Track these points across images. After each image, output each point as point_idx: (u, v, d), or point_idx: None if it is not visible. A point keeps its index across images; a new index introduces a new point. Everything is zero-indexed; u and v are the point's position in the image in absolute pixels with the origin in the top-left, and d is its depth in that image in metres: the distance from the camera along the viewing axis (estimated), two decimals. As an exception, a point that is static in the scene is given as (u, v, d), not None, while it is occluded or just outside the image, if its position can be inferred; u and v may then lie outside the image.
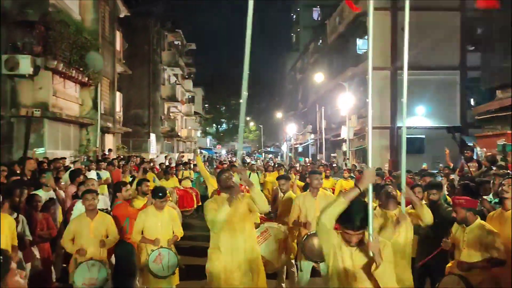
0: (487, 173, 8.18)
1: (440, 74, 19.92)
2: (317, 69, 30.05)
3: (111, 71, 19.86)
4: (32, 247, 5.19)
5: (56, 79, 14.13)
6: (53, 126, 14.09)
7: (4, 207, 4.73)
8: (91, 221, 4.95)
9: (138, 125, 27.36)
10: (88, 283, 4.73)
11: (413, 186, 5.36)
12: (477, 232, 4.12)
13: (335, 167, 15.76)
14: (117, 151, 19.75)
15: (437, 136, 19.20)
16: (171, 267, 4.91)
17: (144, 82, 28.55)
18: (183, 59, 40.67)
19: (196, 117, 49.55)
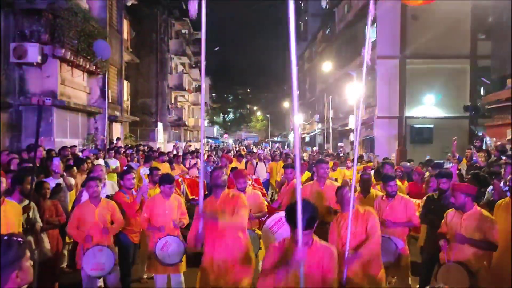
0: (497, 163, 8.11)
1: (450, 63, 19.65)
2: (325, 58, 29.82)
3: (118, 59, 19.87)
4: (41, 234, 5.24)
5: (63, 67, 14.17)
6: (61, 115, 14.17)
7: (14, 194, 4.77)
8: (95, 208, 4.99)
9: (145, 114, 27.42)
10: (96, 269, 4.78)
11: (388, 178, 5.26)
12: (474, 218, 4.12)
13: (342, 156, 15.70)
14: (124, 140, 19.83)
15: (446, 125, 19.02)
16: (178, 254, 4.92)
17: (151, 71, 28.54)
18: (190, 48, 40.54)
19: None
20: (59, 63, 13.68)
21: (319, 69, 31.78)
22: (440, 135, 18.85)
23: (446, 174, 5.30)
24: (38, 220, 4.86)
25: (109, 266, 4.83)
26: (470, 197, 4.18)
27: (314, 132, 36.16)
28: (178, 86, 33.64)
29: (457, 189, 4.24)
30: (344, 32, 26.82)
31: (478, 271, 4.01)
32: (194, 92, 43.16)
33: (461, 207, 4.18)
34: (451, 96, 19.80)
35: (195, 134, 45.33)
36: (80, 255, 4.89)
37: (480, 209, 4.20)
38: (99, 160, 10.42)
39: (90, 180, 5.13)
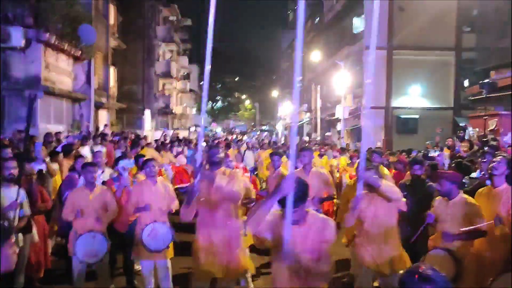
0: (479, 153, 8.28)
1: (435, 55, 19.85)
2: (314, 48, 29.79)
3: (104, 45, 19.61)
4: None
5: (48, 52, 13.94)
6: (46, 101, 13.97)
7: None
8: (90, 193, 4.97)
9: (132, 101, 27.16)
10: (89, 255, 4.78)
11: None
12: (460, 205, 4.22)
13: (332, 145, 15.82)
14: (111, 127, 19.67)
15: (431, 116, 19.29)
16: (165, 241, 4.92)
17: (138, 57, 28.20)
18: (178, 35, 40.11)
19: (192, 94, 49.21)
20: (43, 47, 13.46)
21: (307, 59, 31.74)
22: (425, 126, 19.09)
23: (419, 161, 5.45)
24: (26, 208, 4.79)
25: (102, 253, 4.84)
26: (455, 185, 4.29)
27: (302, 121, 36.28)
28: (165, 73, 33.33)
29: (443, 177, 4.35)
30: (332, 22, 26.81)
31: (464, 258, 4.12)
32: (182, 79, 42.82)
33: (447, 195, 4.29)
34: (436, 87, 20.04)
35: (182, 122, 45.09)
36: (72, 241, 4.87)
37: (465, 197, 4.30)
38: (84, 147, 10.35)
39: (88, 165, 5.11)
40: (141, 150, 9.80)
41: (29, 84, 13.05)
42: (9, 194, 4.47)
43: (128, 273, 5.63)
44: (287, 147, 14.25)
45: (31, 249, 5.24)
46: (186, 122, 46.49)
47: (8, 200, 4.42)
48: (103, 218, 4.99)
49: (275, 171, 6.58)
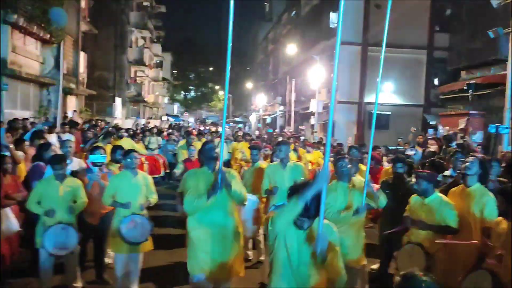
0: (446, 151, 8.52)
1: (407, 53, 20.24)
2: (290, 41, 29.81)
3: (75, 29, 18.95)
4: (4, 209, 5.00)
5: (15, 34, 13.36)
6: (12, 85, 13.39)
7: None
8: (60, 184, 4.80)
9: (102, 88, 26.47)
10: (58, 247, 4.62)
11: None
12: (435, 204, 4.34)
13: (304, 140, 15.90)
14: (80, 113, 19.09)
15: (402, 113, 19.72)
16: (144, 233, 4.83)
17: (110, 43, 27.48)
18: (152, 21, 39.28)
19: (164, 83, 48.46)
20: (10, 29, 12.87)
21: (283, 51, 31.76)
22: (396, 122, 19.51)
23: (401, 159, 5.52)
24: None
25: (71, 245, 4.69)
26: (432, 184, 4.41)
27: (276, 114, 36.37)
28: (138, 60, 32.66)
29: (420, 176, 4.46)
30: (308, 16, 26.87)
31: (435, 253, 4.22)
32: (154, 67, 42.06)
33: (423, 193, 4.40)
34: (408, 84, 20.49)
35: (154, 110, 44.39)
36: (40, 233, 4.68)
37: (440, 195, 4.43)
38: (51, 135, 9.97)
39: (56, 163, 4.86)
40: (119, 140, 9.54)
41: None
42: None
43: (98, 266, 5.48)
44: (262, 140, 14.24)
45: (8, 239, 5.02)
46: (158, 111, 45.81)
47: None
48: (73, 209, 4.81)
49: (253, 165, 6.54)
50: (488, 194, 4.29)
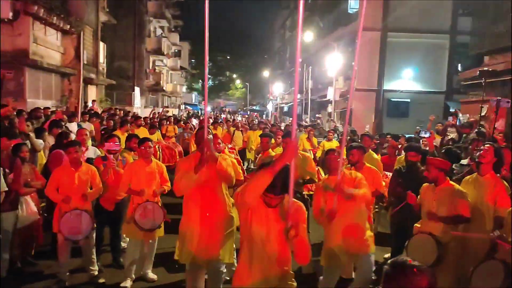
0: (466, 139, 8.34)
1: (429, 38, 19.77)
2: (307, 28, 29.49)
3: (94, 19, 19.17)
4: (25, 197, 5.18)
5: (36, 25, 13.60)
6: (34, 75, 13.70)
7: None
8: (75, 172, 4.91)
9: (122, 78, 26.80)
10: (74, 232, 4.76)
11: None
12: (447, 192, 4.24)
13: (320, 127, 15.84)
14: (100, 103, 19.41)
15: (422, 100, 19.35)
16: (157, 220, 4.94)
17: (129, 33, 27.71)
18: (170, 11, 39.38)
19: (182, 72, 48.69)
20: (31, 20, 13.12)
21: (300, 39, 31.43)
22: (416, 110, 19.18)
23: (415, 147, 5.42)
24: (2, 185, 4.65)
25: (86, 230, 4.82)
26: (443, 172, 4.29)
27: (293, 102, 36.22)
28: (156, 50, 32.86)
29: (431, 163, 4.34)
30: (326, 2, 26.48)
31: (447, 243, 4.16)
32: (173, 57, 42.26)
33: (434, 181, 4.30)
34: (429, 71, 20.04)
35: (172, 99, 44.72)
36: (57, 218, 4.84)
37: (452, 183, 4.32)
38: (72, 124, 10.20)
39: (69, 146, 5.02)
40: (137, 129, 9.72)
41: (17, 58, 12.77)
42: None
43: (114, 250, 5.64)
44: (277, 128, 14.20)
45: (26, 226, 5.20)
46: (177, 100, 46.13)
47: None
48: (88, 196, 4.95)
49: (264, 153, 6.57)
50: (502, 183, 4.21)
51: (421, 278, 1.71)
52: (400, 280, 1.72)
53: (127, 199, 5.20)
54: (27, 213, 5.20)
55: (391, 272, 1.76)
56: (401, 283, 1.71)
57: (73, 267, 5.20)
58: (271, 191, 2.79)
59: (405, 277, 1.72)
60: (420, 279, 1.71)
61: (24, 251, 5.38)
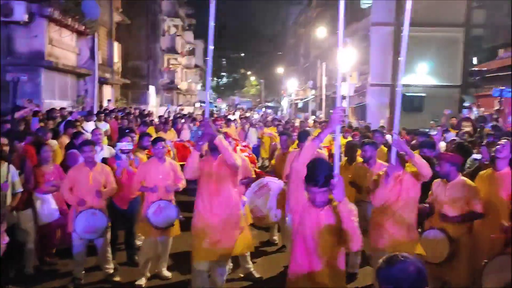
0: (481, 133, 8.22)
1: (443, 31, 19.43)
2: (320, 24, 29.31)
3: (108, 20, 19.40)
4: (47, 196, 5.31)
5: (51, 27, 13.83)
6: (50, 76, 13.95)
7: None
8: (90, 171, 5.00)
9: (137, 77, 27.05)
10: (89, 231, 4.86)
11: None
12: (458, 187, 4.21)
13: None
14: (115, 102, 19.66)
15: (437, 94, 19.05)
16: (171, 219, 5.00)
17: (143, 32, 27.92)
18: (183, 9, 39.54)
19: (197, 70, 48.85)
20: (46, 22, 13.35)
21: (313, 35, 31.23)
22: (431, 104, 18.89)
23: (429, 144, 5.37)
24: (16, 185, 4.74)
25: (101, 229, 4.92)
26: (455, 167, 4.25)
27: (307, 98, 36.05)
28: (170, 48, 33.03)
29: (443, 159, 4.31)
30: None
31: (460, 238, 4.14)
32: (187, 55, 42.43)
33: (446, 176, 4.26)
34: (444, 65, 19.70)
35: (187, 97, 44.94)
36: (72, 218, 4.94)
37: (464, 179, 4.28)
38: (89, 124, 10.39)
39: (84, 145, 5.12)
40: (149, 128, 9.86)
41: (33, 59, 13.03)
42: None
43: (129, 249, 5.74)
44: (291, 125, 14.21)
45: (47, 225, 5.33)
46: (191, 98, 46.34)
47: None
48: (102, 195, 5.03)
49: (283, 151, 6.58)
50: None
51: (408, 265, 1.79)
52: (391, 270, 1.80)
53: (140, 197, 5.28)
54: (47, 212, 5.32)
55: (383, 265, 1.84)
56: (392, 272, 1.79)
57: (89, 266, 5.31)
58: (312, 183, 2.78)
59: (393, 266, 1.80)
60: (408, 266, 1.78)
61: (44, 250, 5.52)
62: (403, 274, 1.78)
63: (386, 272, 1.82)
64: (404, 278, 1.78)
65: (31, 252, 5.10)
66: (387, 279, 1.81)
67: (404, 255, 1.84)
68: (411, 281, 1.78)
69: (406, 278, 1.78)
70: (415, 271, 1.79)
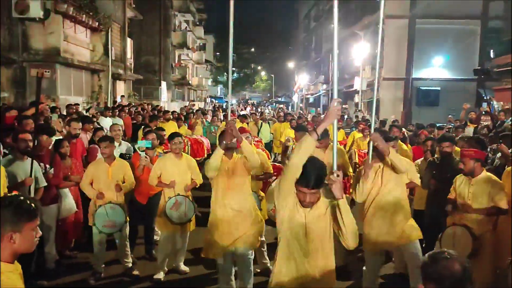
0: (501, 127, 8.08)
1: (459, 24, 19.11)
2: (332, 17, 29.03)
3: (121, 16, 19.48)
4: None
5: (66, 23, 13.94)
6: (65, 72, 14.08)
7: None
8: (109, 166, 5.03)
9: (149, 73, 27.17)
10: (107, 225, 4.91)
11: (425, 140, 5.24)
12: (483, 183, 4.13)
13: (347, 119, 15.65)
14: (128, 98, 19.78)
15: (454, 88, 18.79)
16: (188, 214, 5.02)
17: (155, 28, 28.01)
18: (194, 4, 39.55)
19: (207, 65, 48.91)
20: (61, 19, 13.45)
21: (325, 28, 31.02)
22: (446, 98, 18.66)
23: (449, 138, 5.24)
24: (40, 180, 4.77)
25: (119, 224, 4.96)
26: (479, 163, 4.17)
27: (319, 93, 35.86)
28: (181, 44, 33.10)
29: (466, 155, 4.20)
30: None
31: (483, 235, 4.07)
32: (198, 50, 42.50)
33: (470, 173, 4.17)
34: (460, 57, 19.39)
35: (198, 93, 45.06)
36: (92, 211, 4.99)
37: (488, 174, 4.20)
38: (106, 119, 10.48)
39: (101, 141, 5.16)
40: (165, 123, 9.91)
41: (49, 56, 13.15)
42: (24, 166, 4.57)
43: (147, 243, 5.78)
44: (303, 119, 14.12)
45: (66, 219, 5.41)
46: (202, 94, 46.46)
47: (23, 173, 4.52)
48: (121, 190, 5.06)
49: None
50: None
51: (453, 262, 1.77)
52: (434, 266, 1.79)
53: (160, 193, 5.31)
54: (67, 206, 5.39)
55: (427, 261, 1.83)
56: (435, 269, 1.78)
57: (108, 259, 5.35)
58: (303, 184, 2.67)
59: (437, 263, 1.78)
60: (452, 263, 1.77)
61: (63, 244, 5.58)
62: (447, 272, 1.76)
63: (430, 268, 1.80)
64: (447, 276, 1.76)
65: (52, 246, 5.16)
66: (430, 276, 1.80)
67: (450, 252, 1.81)
68: (455, 280, 1.76)
69: (450, 276, 1.76)
70: (460, 270, 1.77)
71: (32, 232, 1.91)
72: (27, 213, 1.89)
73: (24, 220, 1.87)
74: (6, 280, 1.81)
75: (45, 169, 4.94)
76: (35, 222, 1.91)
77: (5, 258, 1.86)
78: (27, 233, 1.88)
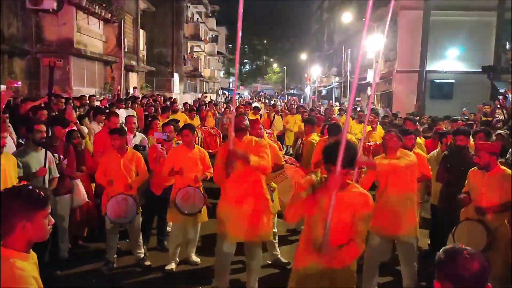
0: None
1: (475, 15, 18.74)
2: (345, 8, 28.73)
3: (134, 7, 19.52)
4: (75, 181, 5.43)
5: (79, 15, 14.03)
6: (78, 63, 14.19)
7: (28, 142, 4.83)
8: (121, 157, 5.05)
9: (161, 64, 27.25)
10: (119, 216, 4.95)
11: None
12: (497, 177, 4.08)
13: (359, 111, 15.52)
14: (141, 90, 19.88)
15: (468, 81, 18.48)
16: (198, 205, 5.03)
17: (167, 19, 28.01)
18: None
19: (219, 57, 48.83)
20: (75, 10, 13.54)
21: (338, 20, 30.67)
22: (461, 91, 18.38)
23: (464, 131, 5.17)
24: (53, 171, 4.83)
25: (131, 215, 4.99)
26: (495, 156, 4.12)
27: (331, 85, 35.61)
28: (194, 35, 33.06)
29: (482, 149, 4.15)
30: (366, -19, 25.64)
31: (497, 228, 4.03)
32: (210, 42, 42.41)
33: (485, 167, 4.12)
34: (475, 50, 19.05)
35: (210, 85, 45.08)
36: (105, 202, 5.05)
37: (503, 168, 4.15)
38: (120, 110, 10.52)
39: (111, 133, 5.17)
40: (175, 114, 9.93)
41: (62, 47, 13.26)
42: (38, 157, 4.62)
43: (160, 234, 5.83)
44: (316, 112, 14.03)
45: (78, 209, 5.48)
46: (214, 85, 46.47)
47: (37, 163, 4.57)
48: (134, 181, 5.10)
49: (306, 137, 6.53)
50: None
51: (472, 262, 1.63)
52: (452, 265, 1.66)
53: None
54: (79, 196, 5.46)
55: (443, 258, 1.70)
56: (453, 268, 1.65)
57: (121, 250, 5.42)
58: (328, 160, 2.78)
59: (455, 262, 1.65)
60: (472, 263, 1.63)
61: (77, 233, 5.67)
62: (466, 272, 1.62)
63: (446, 266, 1.67)
64: (465, 276, 1.62)
65: (66, 235, 5.24)
66: (445, 275, 1.66)
67: (468, 249, 1.68)
68: (474, 281, 1.62)
69: (468, 277, 1.61)
70: (479, 270, 1.62)
71: (44, 220, 1.92)
72: (38, 202, 1.90)
73: (35, 209, 1.88)
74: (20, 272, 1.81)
75: (58, 160, 5.00)
76: (46, 211, 1.92)
77: (20, 248, 1.88)
78: (39, 221, 1.89)
